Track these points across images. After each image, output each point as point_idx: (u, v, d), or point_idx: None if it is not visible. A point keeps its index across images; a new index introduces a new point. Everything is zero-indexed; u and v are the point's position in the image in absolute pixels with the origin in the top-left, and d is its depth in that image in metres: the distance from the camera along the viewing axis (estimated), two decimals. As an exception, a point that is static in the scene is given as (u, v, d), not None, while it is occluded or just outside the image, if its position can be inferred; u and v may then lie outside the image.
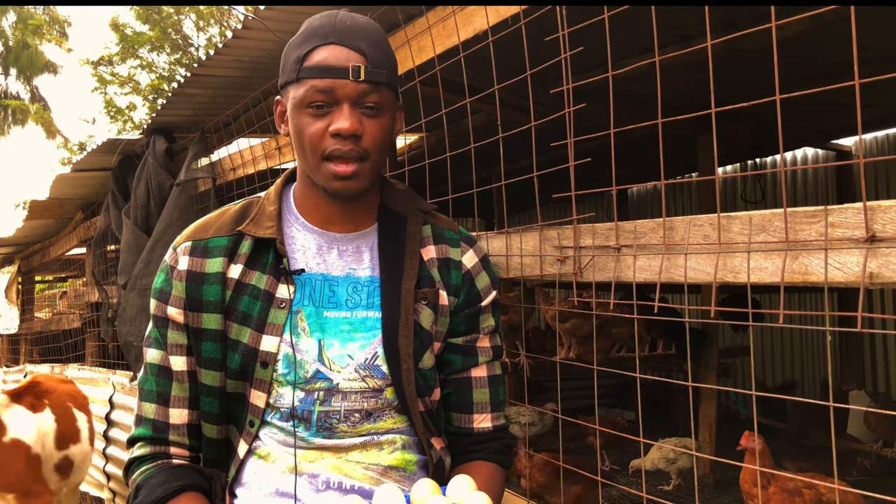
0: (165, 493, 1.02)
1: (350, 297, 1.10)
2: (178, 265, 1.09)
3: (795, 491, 2.03)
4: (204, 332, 1.07)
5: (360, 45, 1.03)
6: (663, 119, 1.11)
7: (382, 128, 1.05)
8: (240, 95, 2.67)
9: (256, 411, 1.08)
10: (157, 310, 1.10)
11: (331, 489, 1.06)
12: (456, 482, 0.99)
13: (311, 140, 1.03)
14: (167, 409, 1.09)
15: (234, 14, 12.82)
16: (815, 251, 0.92)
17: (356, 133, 1.02)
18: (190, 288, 1.07)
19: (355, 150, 1.02)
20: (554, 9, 1.29)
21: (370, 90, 1.02)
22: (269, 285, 1.08)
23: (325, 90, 1.01)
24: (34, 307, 7.42)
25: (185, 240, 1.12)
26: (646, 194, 6.86)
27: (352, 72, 1.01)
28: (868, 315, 0.84)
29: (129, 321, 3.26)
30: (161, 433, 1.09)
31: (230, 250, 1.09)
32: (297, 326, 1.07)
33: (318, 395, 1.06)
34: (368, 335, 1.08)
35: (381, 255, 1.12)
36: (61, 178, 4.08)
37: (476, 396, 1.18)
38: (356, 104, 1.02)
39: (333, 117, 1.02)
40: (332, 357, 1.07)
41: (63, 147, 15.75)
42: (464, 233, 1.21)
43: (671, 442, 3.22)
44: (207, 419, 1.09)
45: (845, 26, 1.02)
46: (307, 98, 1.02)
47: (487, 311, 1.19)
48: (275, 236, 1.08)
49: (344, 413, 1.07)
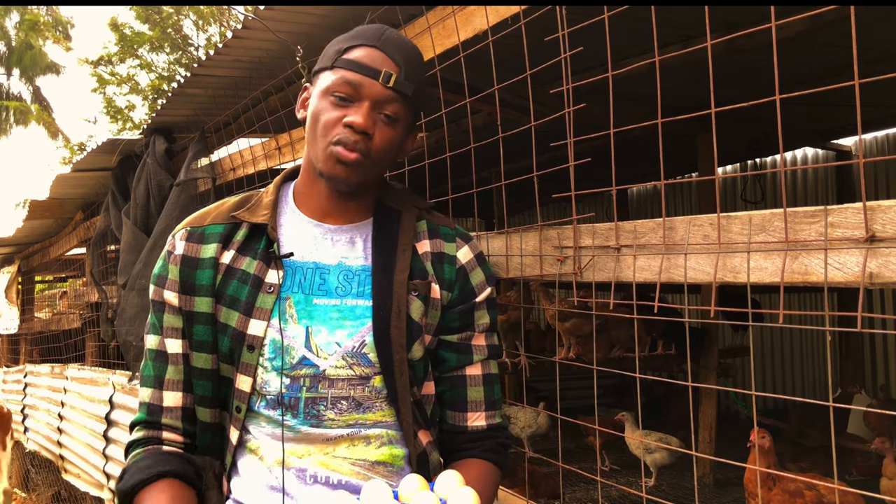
0: (143, 479, 1.04)
1: (341, 284, 1.11)
2: (175, 250, 1.13)
3: (797, 492, 2.04)
4: (196, 314, 1.10)
5: (399, 57, 1.09)
6: (663, 119, 1.11)
7: (391, 138, 1.09)
8: (240, 95, 2.67)
9: (242, 396, 1.09)
10: (155, 294, 1.13)
11: (318, 483, 1.07)
12: (444, 478, 0.99)
13: (325, 125, 1.07)
14: (162, 392, 1.11)
15: (234, 14, 12.82)
16: (814, 251, 0.92)
17: (367, 131, 1.06)
18: (184, 272, 1.11)
19: (362, 144, 1.06)
20: (554, 9, 1.29)
21: (393, 99, 1.07)
22: (259, 270, 1.10)
23: (353, 83, 1.06)
24: (34, 307, 7.42)
25: (183, 227, 1.16)
26: (646, 194, 6.86)
27: (383, 76, 1.06)
28: (868, 315, 0.84)
29: (129, 321, 3.25)
30: (155, 416, 1.11)
31: (225, 237, 1.13)
32: (286, 313, 1.08)
33: (305, 382, 1.07)
34: (357, 323, 1.09)
35: (374, 245, 1.14)
36: (61, 178, 4.07)
37: (470, 395, 1.18)
38: (376, 107, 1.07)
39: (352, 111, 1.06)
40: (320, 344, 1.08)
41: (64, 147, 15.76)
42: (459, 230, 1.22)
43: (654, 437, 3.21)
44: (201, 403, 1.11)
45: (845, 26, 1.02)
46: (334, 87, 1.07)
47: (482, 308, 1.19)
48: (267, 222, 1.11)
49: (331, 400, 1.08)
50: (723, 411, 4.49)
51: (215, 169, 3.12)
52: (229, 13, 13.02)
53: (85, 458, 3.84)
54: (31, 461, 5.93)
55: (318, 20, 2.06)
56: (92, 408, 3.72)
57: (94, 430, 3.69)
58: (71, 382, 4.14)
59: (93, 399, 3.72)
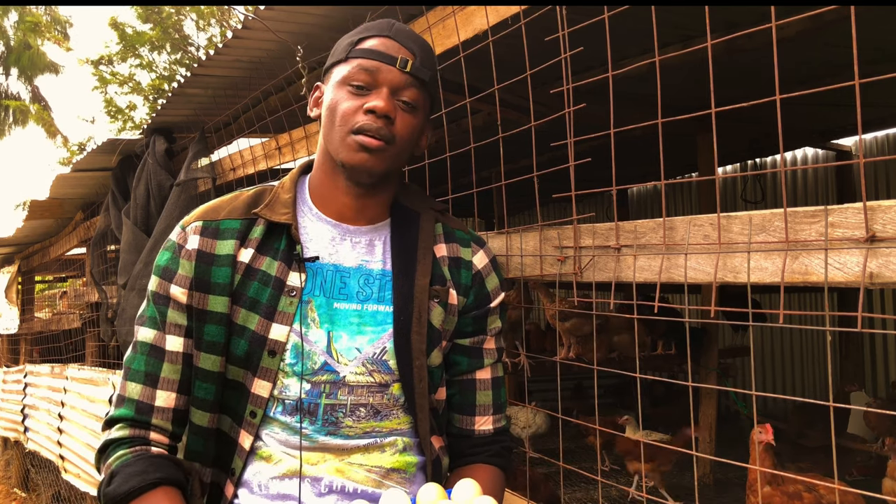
0: (141, 485, 0.96)
1: (361, 289, 1.09)
2: (188, 244, 1.06)
3: (795, 494, 2.04)
4: (209, 314, 1.04)
5: (412, 45, 1.08)
6: (663, 119, 1.11)
7: (413, 125, 1.08)
8: (240, 95, 2.67)
9: (259, 402, 1.05)
10: (159, 287, 1.07)
11: (333, 493, 1.05)
12: (461, 486, 0.99)
13: (344, 114, 1.05)
14: (154, 390, 1.04)
15: (235, 14, 12.81)
16: (815, 251, 0.92)
17: (389, 115, 1.04)
18: (199, 268, 1.05)
19: (384, 130, 1.04)
20: (554, 9, 1.29)
21: (411, 83, 1.06)
22: (280, 272, 1.06)
23: (370, 70, 1.05)
24: (34, 307, 7.41)
25: (195, 219, 1.09)
26: (646, 194, 6.86)
27: (400, 61, 1.05)
28: (868, 315, 0.84)
29: (129, 321, 3.25)
30: (144, 415, 1.03)
31: (242, 234, 1.08)
32: (307, 316, 1.05)
33: (325, 388, 1.05)
34: (378, 329, 1.07)
35: (393, 249, 1.11)
36: (61, 178, 4.07)
37: (479, 399, 1.17)
38: (394, 93, 1.06)
39: (370, 98, 1.04)
40: (341, 349, 1.06)
41: (64, 146, 15.76)
42: (473, 234, 1.22)
43: (654, 437, 3.22)
44: (200, 406, 1.05)
45: (845, 26, 1.02)
46: (351, 76, 1.05)
47: (495, 313, 1.19)
48: (290, 221, 1.07)
49: (350, 407, 1.06)
50: (723, 411, 4.49)
51: (215, 169, 3.12)
52: (230, 13, 13.02)
53: (85, 458, 3.84)
54: (31, 461, 5.93)
55: (318, 20, 2.06)
56: (92, 408, 3.72)
57: (94, 430, 3.68)
58: (71, 382, 4.14)
59: (93, 399, 3.72)
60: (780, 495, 2.05)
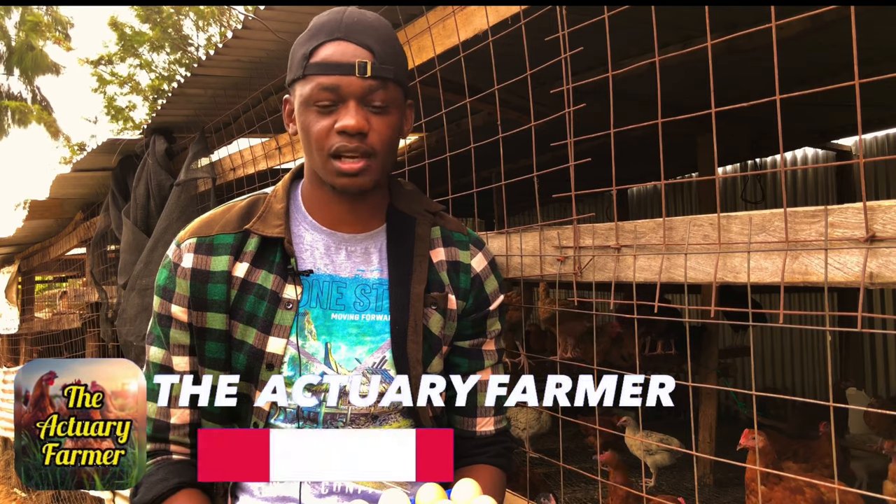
0: (164, 491, 1.01)
1: (358, 299, 1.09)
2: (183, 262, 1.07)
3: (797, 489, 2.05)
4: (208, 331, 1.05)
5: (367, 41, 1.01)
6: (663, 119, 1.11)
7: (390, 126, 1.03)
8: (240, 95, 2.67)
9: (261, 413, 1.06)
10: (161, 308, 1.08)
11: (333, 494, 1.06)
12: (461, 486, 0.99)
13: (318, 138, 1.01)
14: (168, 408, 1.08)
15: (235, 14, 12.81)
16: (815, 251, 0.92)
17: (362, 130, 1.00)
18: (194, 287, 1.05)
19: (362, 147, 1.01)
20: (554, 9, 1.29)
21: (377, 87, 1.00)
22: (276, 285, 1.06)
23: (331, 87, 0.99)
24: (34, 307, 7.42)
25: (189, 236, 1.09)
26: (646, 194, 6.86)
27: (358, 68, 0.99)
28: (868, 315, 0.84)
29: (129, 321, 3.26)
30: (162, 433, 1.08)
31: (236, 248, 1.07)
32: (304, 329, 1.06)
33: (324, 398, 1.05)
34: (377, 339, 1.07)
35: (389, 257, 1.10)
36: (61, 178, 4.07)
37: (480, 400, 1.17)
38: (363, 101, 1.01)
39: (340, 115, 1.00)
40: (339, 360, 1.06)
41: (65, 146, 15.76)
42: (472, 235, 1.20)
43: (655, 437, 3.21)
44: (210, 418, 1.08)
45: (845, 26, 1.02)
46: (313, 96, 1.00)
47: (495, 315, 1.19)
48: (283, 235, 1.06)
49: (350, 416, 1.06)
50: (723, 411, 4.49)
51: (215, 169, 3.12)
52: (229, 13, 13.02)
53: (85, 458, 3.84)
54: (31, 461, 5.92)
55: (318, 20, 2.06)
56: (92, 408, 3.72)
57: (94, 430, 3.68)
58: (71, 382, 4.14)
59: (93, 399, 3.71)
60: (783, 490, 2.06)
